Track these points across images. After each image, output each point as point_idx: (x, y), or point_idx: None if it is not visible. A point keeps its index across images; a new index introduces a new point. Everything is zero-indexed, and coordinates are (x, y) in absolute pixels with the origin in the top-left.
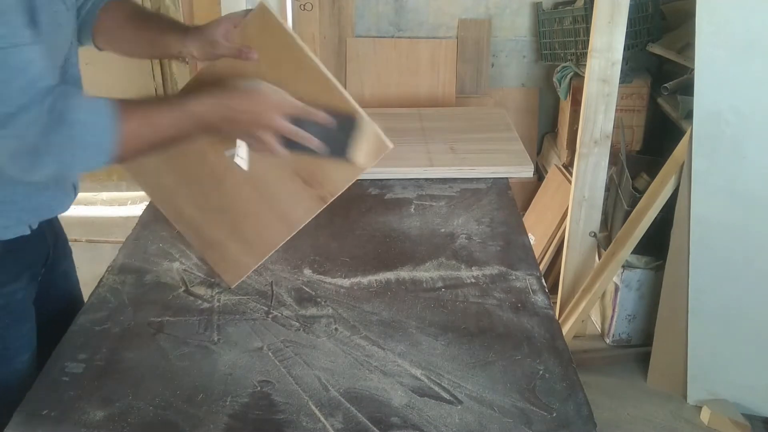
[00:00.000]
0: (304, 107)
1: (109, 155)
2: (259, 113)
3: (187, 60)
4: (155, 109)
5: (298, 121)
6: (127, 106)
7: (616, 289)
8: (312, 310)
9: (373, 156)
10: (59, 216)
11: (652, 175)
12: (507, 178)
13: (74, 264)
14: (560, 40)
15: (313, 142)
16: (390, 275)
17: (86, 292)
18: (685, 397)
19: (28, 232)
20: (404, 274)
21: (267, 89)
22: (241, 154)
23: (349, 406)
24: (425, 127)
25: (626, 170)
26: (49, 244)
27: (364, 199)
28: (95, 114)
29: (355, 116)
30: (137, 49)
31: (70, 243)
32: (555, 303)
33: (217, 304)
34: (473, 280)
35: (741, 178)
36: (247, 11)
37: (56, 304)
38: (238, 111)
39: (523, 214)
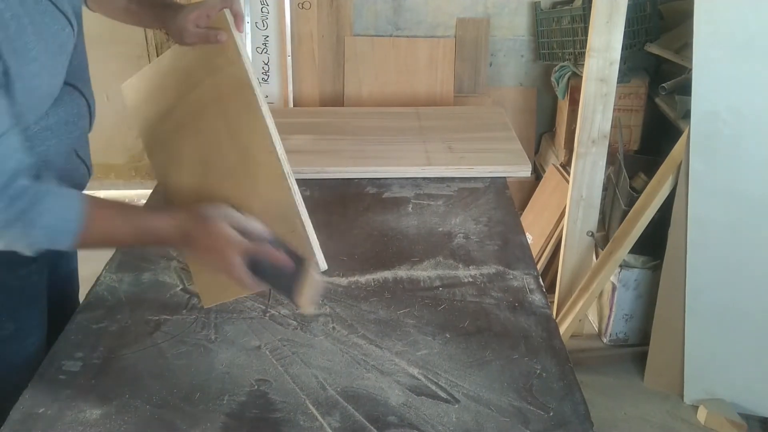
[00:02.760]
0: (264, 250)
1: (67, 247)
2: (218, 250)
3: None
4: (120, 218)
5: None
6: (92, 211)
7: (614, 288)
8: (310, 309)
9: (313, 301)
10: None
11: (650, 174)
12: (505, 177)
13: (76, 255)
14: (558, 40)
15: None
16: (387, 274)
17: (83, 290)
18: (682, 396)
19: None
20: (402, 273)
21: (226, 222)
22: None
23: (346, 404)
24: (423, 126)
25: (624, 170)
26: None
27: (362, 198)
28: (63, 220)
29: (304, 263)
30: (125, 18)
31: None
32: (552, 302)
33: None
34: (471, 280)
35: (738, 178)
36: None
37: (58, 287)
38: (196, 241)
39: (521, 214)
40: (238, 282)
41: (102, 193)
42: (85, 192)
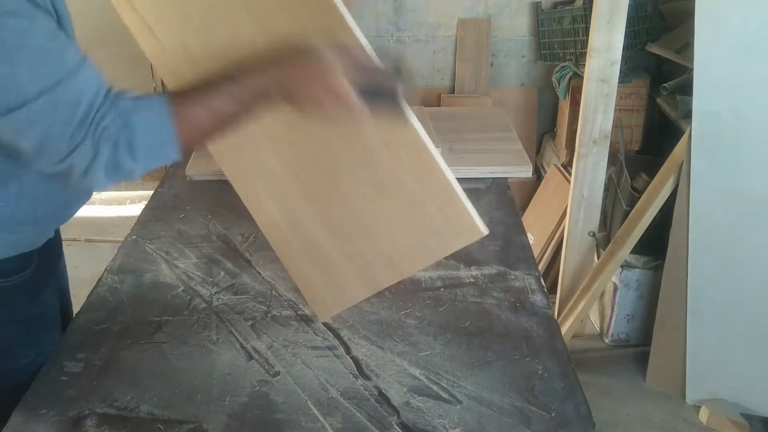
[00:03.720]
0: (371, 65)
1: (175, 145)
2: (321, 76)
3: None
4: (210, 92)
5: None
6: (180, 98)
7: (615, 288)
8: (311, 310)
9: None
10: None
11: (651, 174)
12: (506, 177)
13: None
14: (559, 40)
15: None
16: None
17: (85, 291)
18: (683, 396)
19: (53, 234)
20: None
21: (323, 49)
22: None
23: (348, 405)
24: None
25: (625, 170)
26: (58, 243)
27: None
28: (158, 132)
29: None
30: None
31: (69, 243)
32: (554, 303)
33: (216, 303)
34: (472, 280)
35: (740, 177)
36: None
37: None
38: (296, 77)
39: (522, 214)
40: (345, 98)
41: (104, 195)
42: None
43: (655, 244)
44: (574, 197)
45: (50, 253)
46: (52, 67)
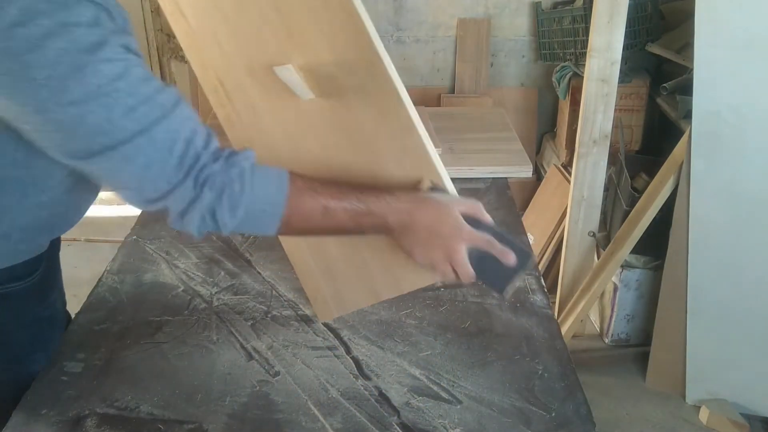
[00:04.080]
0: (490, 242)
1: (278, 222)
2: (445, 236)
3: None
4: (335, 196)
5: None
6: (304, 183)
7: (615, 288)
8: (311, 310)
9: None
10: None
11: (651, 174)
12: (506, 177)
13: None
14: (559, 40)
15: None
16: None
17: (85, 291)
18: (683, 396)
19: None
20: None
21: (456, 207)
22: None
23: (348, 405)
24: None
25: (625, 170)
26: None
27: None
28: (269, 202)
29: (529, 256)
30: None
31: (69, 243)
32: (554, 303)
33: (216, 303)
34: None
35: (740, 177)
36: None
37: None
38: (420, 225)
39: (522, 214)
40: (458, 270)
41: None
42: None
43: (655, 244)
44: (574, 197)
45: (54, 254)
46: (147, 109)
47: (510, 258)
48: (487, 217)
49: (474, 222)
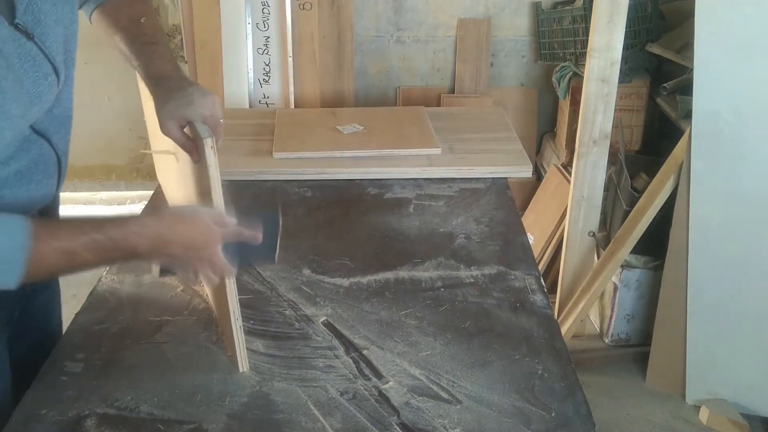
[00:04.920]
0: (239, 232)
1: (18, 277)
2: (203, 243)
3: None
4: (74, 236)
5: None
6: (43, 231)
7: (615, 288)
8: (311, 310)
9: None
10: None
11: (651, 174)
12: (506, 177)
13: (59, 292)
14: (559, 40)
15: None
16: (389, 275)
17: (85, 291)
18: (683, 396)
19: None
20: (403, 273)
21: (203, 214)
22: None
23: (347, 405)
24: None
25: (625, 170)
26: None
27: (363, 199)
28: (8, 237)
29: (274, 220)
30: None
31: None
32: (554, 303)
33: None
34: (472, 280)
35: (740, 177)
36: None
37: (30, 339)
38: (173, 241)
39: (522, 214)
40: (219, 271)
41: (104, 195)
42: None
43: (655, 244)
44: (574, 197)
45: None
46: None
47: (256, 236)
48: (224, 215)
49: (220, 222)
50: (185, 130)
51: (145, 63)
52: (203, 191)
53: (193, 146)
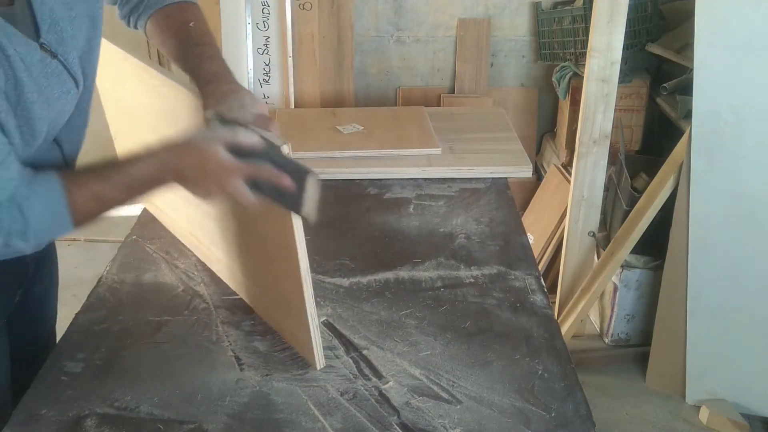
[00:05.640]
0: (263, 170)
1: (69, 232)
2: (214, 174)
3: None
4: (101, 181)
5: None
6: (76, 191)
7: (615, 288)
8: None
9: (315, 210)
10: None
11: (651, 174)
12: (506, 177)
13: (57, 284)
14: (559, 40)
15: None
16: (389, 275)
17: (85, 291)
18: (683, 396)
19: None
20: (403, 273)
21: (216, 142)
22: None
23: (348, 405)
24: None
25: (625, 170)
26: (30, 266)
27: (363, 199)
28: (53, 217)
29: (308, 172)
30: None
31: (69, 243)
32: (554, 303)
33: (216, 303)
34: (472, 280)
35: (740, 177)
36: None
37: (27, 328)
38: (189, 170)
39: (522, 214)
40: (237, 198)
41: None
42: (61, 171)
43: (655, 244)
44: (574, 197)
45: None
46: None
47: (284, 181)
48: (256, 144)
49: (248, 152)
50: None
51: (194, 65)
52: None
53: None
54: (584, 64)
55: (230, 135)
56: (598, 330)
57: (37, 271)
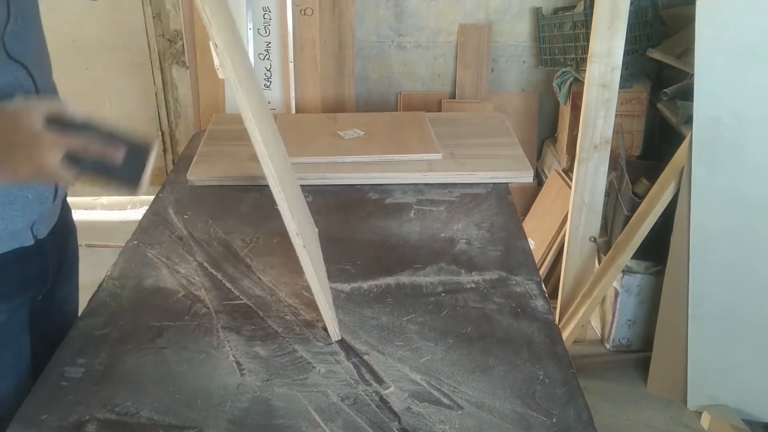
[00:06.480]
0: (85, 143)
1: None
2: (25, 147)
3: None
4: None
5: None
6: None
7: (616, 294)
8: (312, 315)
9: (144, 184)
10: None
11: (652, 180)
12: (507, 183)
13: (78, 289)
14: (560, 46)
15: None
16: (390, 280)
17: (86, 296)
18: (685, 402)
19: (31, 241)
20: (404, 279)
21: (34, 112)
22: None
23: (348, 411)
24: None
25: (626, 175)
26: (51, 266)
27: (364, 204)
28: None
29: (149, 145)
30: None
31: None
32: (555, 308)
33: (217, 308)
34: (473, 285)
35: (741, 182)
36: None
37: (48, 331)
38: None
39: (523, 219)
40: (55, 179)
41: (105, 200)
42: None
43: (656, 250)
44: (575, 202)
45: (21, 270)
46: None
47: (114, 154)
48: (78, 115)
49: (69, 125)
50: None
51: None
52: None
53: None
54: (585, 70)
55: (53, 104)
56: (600, 335)
57: (59, 270)
